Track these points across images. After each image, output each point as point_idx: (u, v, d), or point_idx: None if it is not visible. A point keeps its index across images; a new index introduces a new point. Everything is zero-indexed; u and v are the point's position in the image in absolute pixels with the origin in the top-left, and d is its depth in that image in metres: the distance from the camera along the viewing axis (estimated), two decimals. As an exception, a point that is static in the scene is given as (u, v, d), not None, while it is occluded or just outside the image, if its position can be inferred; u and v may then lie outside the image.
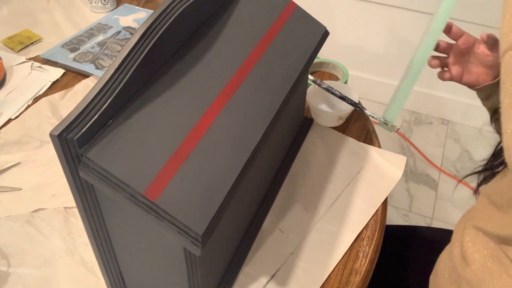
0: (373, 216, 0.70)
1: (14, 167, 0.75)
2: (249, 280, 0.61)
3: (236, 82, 0.52)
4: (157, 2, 1.21)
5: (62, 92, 0.89)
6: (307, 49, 0.63)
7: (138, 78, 0.45)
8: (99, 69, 0.93)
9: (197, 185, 0.44)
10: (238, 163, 0.48)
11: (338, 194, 0.73)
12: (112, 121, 0.43)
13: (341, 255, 0.64)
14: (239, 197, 0.54)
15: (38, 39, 1.02)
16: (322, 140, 0.81)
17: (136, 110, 0.45)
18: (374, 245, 0.66)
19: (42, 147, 0.78)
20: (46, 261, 0.62)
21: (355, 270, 0.63)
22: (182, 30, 0.51)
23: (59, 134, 0.40)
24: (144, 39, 0.45)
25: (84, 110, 0.41)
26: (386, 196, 0.73)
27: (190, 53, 0.52)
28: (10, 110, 0.85)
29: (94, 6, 1.11)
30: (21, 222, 0.67)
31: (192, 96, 0.49)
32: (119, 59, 0.44)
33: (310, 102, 0.81)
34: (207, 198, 0.44)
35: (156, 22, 0.46)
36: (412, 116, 1.97)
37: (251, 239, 0.65)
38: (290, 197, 0.72)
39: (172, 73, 0.49)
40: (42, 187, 0.72)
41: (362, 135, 0.84)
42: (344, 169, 0.77)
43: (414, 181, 1.71)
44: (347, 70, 0.94)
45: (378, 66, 1.89)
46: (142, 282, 0.58)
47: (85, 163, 0.42)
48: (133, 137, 0.43)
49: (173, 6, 0.48)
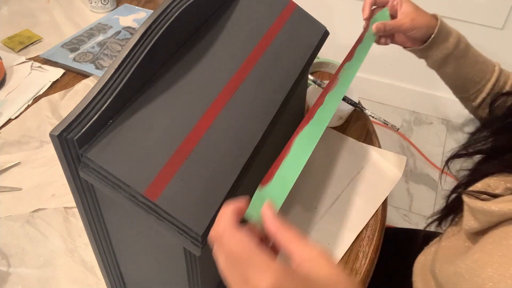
0: (373, 216, 0.70)
1: (14, 167, 0.75)
2: (249, 280, 0.61)
3: (236, 82, 0.52)
4: (157, 2, 1.21)
5: (62, 92, 0.89)
6: (307, 49, 0.63)
7: (138, 78, 0.45)
8: (99, 69, 0.93)
9: (197, 185, 0.44)
10: (238, 163, 0.48)
11: (338, 194, 0.73)
12: (112, 121, 0.43)
13: (341, 255, 0.64)
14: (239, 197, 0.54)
15: (38, 39, 1.02)
16: (322, 140, 0.81)
17: (136, 110, 0.45)
18: (374, 245, 0.66)
19: (42, 147, 0.78)
20: (46, 261, 0.62)
21: (355, 270, 0.63)
22: (182, 30, 0.51)
23: (59, 134, 0.40)
24: (144, 39, 0.45)
25: (84, 110, 0.41)
26: (386, 196, 0.73)
27: (190, 53, 0.52)
28: (10, 110, 0.85)
29: (94, 6, 1.11)
30: (21, 222, 0.67)
31: (192, 96, 0.49)
32: (119, 59, 0.44)
33: (310, 102, 0.81)
34: (207, 198, 0.44)
35: (156, 22, 0.46)
36: (412, 116, 1.97)
37: (251, 239, 0.65)
38: (290, 197, 0.71)
39: (172, 73, 0.49)
40: (42, 187, 0.72)
41: (362, 135, 0.84)
42: (344, 169, 0.77)
43: (414, 181, 1.71)
44: (347, 70, 0.94)
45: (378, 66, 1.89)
46: (142, 282, 0.58)
47: (85, 163, 0.42)
48: (133, 137, 0.43)
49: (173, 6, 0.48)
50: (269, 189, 0.42)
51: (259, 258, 0.34)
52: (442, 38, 0.69)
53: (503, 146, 0.54)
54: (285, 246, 0.36)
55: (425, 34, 0.69)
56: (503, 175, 0.52)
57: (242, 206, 0.39)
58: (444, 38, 0.69)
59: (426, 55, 0.72)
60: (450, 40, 0.69)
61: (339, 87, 0.56)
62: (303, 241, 0.36)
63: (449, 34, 0.69)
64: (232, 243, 0.35)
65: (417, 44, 0.71)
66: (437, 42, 0.69)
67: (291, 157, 0.46)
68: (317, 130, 0.49)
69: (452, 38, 0.69)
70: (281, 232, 0.37)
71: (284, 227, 0.37)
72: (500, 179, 0.52)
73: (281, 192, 0.42)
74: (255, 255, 0.34)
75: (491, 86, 0.71)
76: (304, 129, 0.49)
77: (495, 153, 0.55)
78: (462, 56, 0.70)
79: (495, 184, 0.52)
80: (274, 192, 0.42)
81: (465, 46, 0.70)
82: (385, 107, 1.99)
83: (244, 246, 0.35)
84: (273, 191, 0.42)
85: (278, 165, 0.45)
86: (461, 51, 0.70)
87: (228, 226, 0.36)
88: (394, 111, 1.98)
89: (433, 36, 0.68)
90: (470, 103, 0.75)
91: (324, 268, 0.35)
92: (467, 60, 0.70)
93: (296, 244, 0.36)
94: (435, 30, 0.68)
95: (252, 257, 0.34)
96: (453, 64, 0.71)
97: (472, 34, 0.72)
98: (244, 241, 0.35)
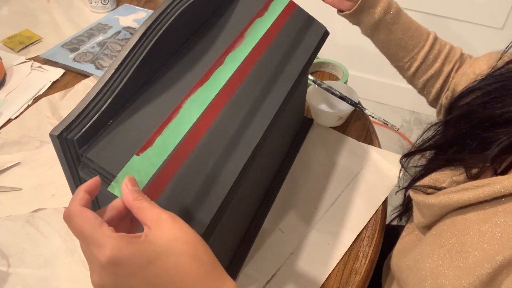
0: (373, 216, 0.70)
1: (14, 167, 0.75)
2: (249, 280, 0.61)
3: (236, 82, 0.52)
4: (157, 2, 1.21)
5: (62, 92, 0.89)
6: (307, 49, 0.63)
7: (138, 78, 0.45)
8: (99, 69, 0.93)
9: (196, 185, 0.44)
10: (238, 163, 0.48)
11: (338, 194, 0.73)
12: (112, 121, 0.43)
13: (341, 255, 0.64)
14: (239, 197, 0.54)
15: (38, 39, 1.02)
16: (322, 140, 0.81)
17: (136, 110, 0.45)
18: (374, 245, 0.66)
19: (42, 147, 0.78)
20: (46, 261, 0.62)
21: (355, 270, 0.63)
22: (182, 30, 0.51)
23: (59, 134, 0.40)
24: (144, 39, 0.45)
25: (84, 110, 0.41)
26: (386, 196, 0.73)
27: (190, 53, 0.52)
28: (10, 110, 0.85)
29: (94, 6, 1.11)
30: (21, 222, 0.67)
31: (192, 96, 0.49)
32: (119, 59, 0.44)
33: (310, 102, 0.81)
34: (207, 198, 0.44)
35: (156, 22, 0.46)
36: (412, 116, 1.97)
37: (251, 239, 0.65)
38: (290, 197, 0.72)
39: (172, 73, 0.49)
40: (42, 187, 0.72)
41: (362, 135, 0.84)
42: (344, 169, 0.77)
43: (414, 181, 1.71)
44: (347, 70, 0.94)
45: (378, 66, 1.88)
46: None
47: (85, 163, 0.42)
48: (133, 137, 0.43)
49: (173, 6, 0.48)
50: (145, 157, 0.41)
51: (99, 232, 0.34)
52: (371, 1, 0.69)
53: (448, 141, 0.56)
54: (139, 217, 0.37)
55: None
56: (449, 168, 0.54)
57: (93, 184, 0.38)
58: (374, 2, 0.70)
59: (357, 20, 0.73)
60: (380, 4, 0.69)
61: (243, 46, 0.53)
62: (154, 209, 0.37)
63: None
64: (77, 221, 0.35)
65: (348, 7, 0.72)
66: (366, 6, 0.70)
67: (176, 122, 0.44)
68: (209, 94, 0.47)
69: (382, 3, 0.70)
70: (135, 203, 0.37)
71: (138, 198, 0.37)
72: (448, 173, 0.53)
73: (157, 159, 0.41)
74: (96, 231, 0.34)
75: (425, 54, 0.72)
76: (196, 91, 0.47)
77: (441, 149, 0.57)
78: (394, 23, 0.71)
79: (442, 178, 0.54)
80: (149, 160, 0.41)
81: (395, 11, 0.71)
82: (385, 107, 1.99)
83: (87, 223, 0.35)
84: (149, 158, 0.41)
85: (161, 131, 0.43)
86: (392, 17, 0.70)
87: (76, 205, 0.36)
88: (394, 111, 1.98)
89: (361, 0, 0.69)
90: (406, 72, 0.76)
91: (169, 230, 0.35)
92: (398, 26, 0.71)
93: (147, 212, 0.36)
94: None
95: (94, 233, 0.34)
96: (384, 30, 0.72)
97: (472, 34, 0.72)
98: (88, 218, 0.35)
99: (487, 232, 0.43)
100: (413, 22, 0.73)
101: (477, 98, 0.55)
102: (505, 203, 0.44)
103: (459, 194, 0.47)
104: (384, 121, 0.82)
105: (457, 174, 0.53)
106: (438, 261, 0.46)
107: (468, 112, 0.55)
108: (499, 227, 0.43)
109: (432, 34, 0.73)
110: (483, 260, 0.42)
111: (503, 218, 0.43)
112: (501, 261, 0.40)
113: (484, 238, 0.43)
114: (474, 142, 0.51)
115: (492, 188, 0.44)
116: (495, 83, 0.54)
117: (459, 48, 0.74)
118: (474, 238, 0.44)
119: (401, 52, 0.73)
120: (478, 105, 0.54)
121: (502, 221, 0.43)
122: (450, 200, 0.47)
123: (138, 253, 0.34)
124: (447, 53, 0.73)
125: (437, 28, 0.77)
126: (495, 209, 0.44)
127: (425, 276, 0.47)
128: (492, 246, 0.42)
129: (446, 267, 0.45)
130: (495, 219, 0.44)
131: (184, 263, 0.35)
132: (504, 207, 0.44)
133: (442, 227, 0.50)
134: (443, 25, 1.69)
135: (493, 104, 0.51)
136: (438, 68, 0.72)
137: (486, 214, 0.45)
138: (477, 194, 0.45)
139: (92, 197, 0.38)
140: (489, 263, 0.41)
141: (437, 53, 0.72)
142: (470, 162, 0.51)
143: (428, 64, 0.73)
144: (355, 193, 0.73)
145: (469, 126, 0.53)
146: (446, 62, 0.73)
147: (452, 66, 0.72)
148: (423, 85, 0.75)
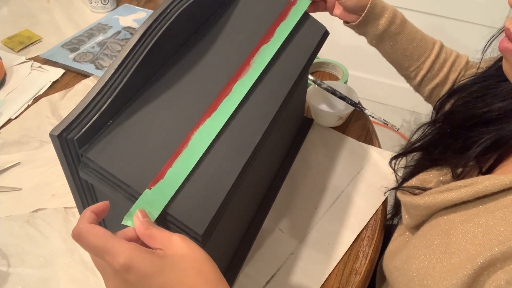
0: (373, 216, 0.70)
1: (14, 167, 0.75)
2: (249, 280, 0.61)
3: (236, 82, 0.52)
4: (157, 2, 1.21)
5: (62, 92, 0.89)
6: (307, 49, 0.63)
7: (138, 78, 0.45)
8: (99, 69, 0.93)
9: (197, 185, 0.44)
10: (238, 163, 0.48)
11: (338, 194, 0.73)
12: (112, 121, 0.43)
13: (341, 255, 0.64)
14: (239, 197, 0.54)
15: (38, 39, 1.02)
16: (322, 140, 0.81)
17: (136, 110, 0.45)
18: (374, 245, 0.66)
19: (42, 147, 0.78)
20: (46, 261, 0.62)
21: (355, 270, 0.63)
22: (182, 30, 0.51)
23: (59, 134, 0.40)
24: (144, 39, 0.45)
25: (84, 110, 0.41)
26: (386, 196, 0.73)
27: (190, 53, 0.52)
28: (10, 110, 0.85)
29: (94, 6, 1.11)
30: (21, 222, 0.67)
31: (192, 96, 0.49)
32: (119, 59, 0.44)
33: (310, 102, 0.81)
34: (207, 198, 0.44)
35: (156, 22, 0.46)
36: (412, 116, 1.97)
37: (251, 239, 0.65)
38: (290, 197, 0.72)
39: (172, 73, 0.49)
40: (42, 187, 0.72)
41: (362, 135, 0.84)
42: (344, 169, 0.77)
43: (414, 181, 1.71)
44: (347, 70, 0.94)
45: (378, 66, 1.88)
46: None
47: (85, 163, 0.42)
48: (133, 137, 0.43)
49: (173, 6, 0.48)
50: (156, 190, 0.41)
51: (114, 241, 0.35)
52: (376, 13, 0.69)
53: (433, 142, 0.56)
54: (151, 244, 0.38)
55: (357, 5, 0.69)
56: (436, 169, 0.54)
57: (101, 207, 0.40)
58: (379, 14, 0.69)
59: (363, 31, 0.73)
60: (385, 16, 0.69)
61: (250, 75, 0.53)
62: (164, 233, 0.38)
63: (384, 10, 0.69)
64: (89, 237, 0.36)
65: (353, 19, 0.72)
66: (371, 17, 0.70)
67: (185, 154, 0.45)
68: (217, 124, 0.47)
69: (387, 14, 0.69)
70: (146, 232, 0.38)
71: (149, 227, 0.38)
72: (435, 173, 0.54)
73: (167, 192, 0.42)
74: (110, 242, 0.35)
75: (430, 63, 0.72)
76: (205, 122, 0.47)
77: (427, 149, 0.57)
78: (399, 33, 0.71)
79: (429, 178, 0.54)
80: (160, 193, 0.42)
81: (401, 22, 0.70)
82: (385, 107, 1.99)
83: (99, 237, 0.36)
84: (160, 191, 0.42)
85: (172, 163, 0.43)
86: (397, 28, 0.70)
87: (85, 223, 0.37)
88: (394, 111, 1.98)
89: (366, 11, 0.69)
90: (412, 81, 0.76)
91: (179, 248, 0.37)
92: (404, 36, 0.71)
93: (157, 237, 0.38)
94: (368, 4, 0.68)
95: (107, 244, 0.35)
96: (389, 41, 0.72)
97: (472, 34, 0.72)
98: (99, 233, 0.36)
99: (470, 232, 0.43)
100: (419, 31, 0.72)
101: (460, 98, 0.56)
102: (487, 202, 0.44)
103: (443, 194, 0.47)
104: (384, 121, 0.82)
105: (444, 174, 0.53)
106: (425, 262, 0.47)
107: (452, 113, 0.55)
108: (481, 227, 0.43)
109: (438, 43, 0.73)
110: (466, 261, 0.41)
111: (485, 218, 0.43)
112: (481, 263, 0.40)
113: (467, 239, 0.43)
114: (457, 142, 0.51)
115: (474, 188, 0.44)
116: (478, 83, 0.54)
117: (465, 56, 0.74)
118: (458, 239, 0.44)
119: (407, 62, 0.73)
120: (461, 105, 0.54)
121: (484, 221, 0.43)
122: (435, 201, 0.48)
123: (148, 262, 0.35)
124: (453, 61, 0.73)
125: (436, 28, 0.77)
126: (477, 209, 0.44)
127: (412, 277, 0.47)
128: (474, 247, 0.42)
129: (432, 268, 0.45)
130: (477, 219, 0.44)
131: (190, 277, 0.36)
132: (486, 207, 0.44)
133: (428, 227, 0.50)
134: (442, 25, 1.68)
135: (475, 104, 0.52)
136: (444, 77, 0.72)
137: (469, 214, 0.45)
138: (460, 194, 0.45)
139: (98, 219, 0.39)
140: (471, 264, 0.41)
141: (442, 62, 0.72)
142: (454, 161, 0.51)
143: (433, 73, 0.73)
144: (355, 193, 0.73)
145: (453, 126, 0.53)
146: (452, 71, 0.72)
147: (458, 74, 0.72)
148: (429, 94, 0.75)
